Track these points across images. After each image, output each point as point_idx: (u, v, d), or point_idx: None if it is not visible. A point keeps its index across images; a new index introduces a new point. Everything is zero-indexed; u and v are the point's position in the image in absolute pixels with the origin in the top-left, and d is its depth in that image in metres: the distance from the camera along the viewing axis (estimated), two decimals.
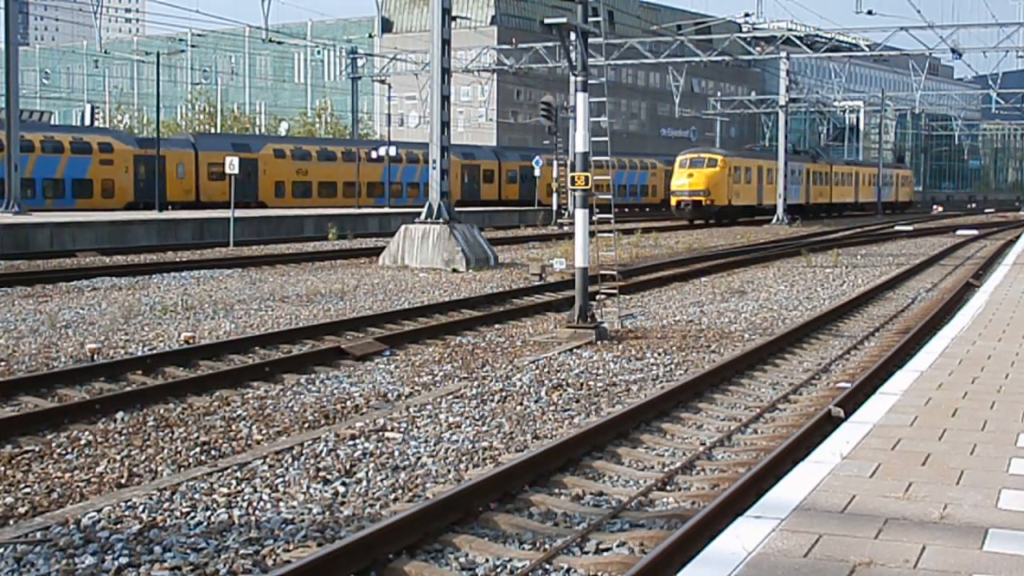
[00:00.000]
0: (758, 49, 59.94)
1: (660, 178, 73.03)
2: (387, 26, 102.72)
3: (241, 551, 6.45)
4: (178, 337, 14.45)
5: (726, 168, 54.74)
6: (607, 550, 6.59)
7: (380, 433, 9.39)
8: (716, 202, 53.43)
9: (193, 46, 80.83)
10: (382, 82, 62.89)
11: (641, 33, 65.75)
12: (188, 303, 18.15)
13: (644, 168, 74.82)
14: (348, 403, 10.72)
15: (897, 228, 50.03)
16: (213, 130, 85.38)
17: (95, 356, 12.87)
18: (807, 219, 61.47)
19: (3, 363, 12.50)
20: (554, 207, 50.48)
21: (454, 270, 25.44)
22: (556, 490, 7.85)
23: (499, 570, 6.29)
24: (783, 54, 58.34)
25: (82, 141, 46.39)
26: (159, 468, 8.31)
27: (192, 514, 7.13)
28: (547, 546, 6.64)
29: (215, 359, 12.87)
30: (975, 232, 47.45)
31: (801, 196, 63.87)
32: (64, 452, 8.75)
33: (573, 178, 15.14)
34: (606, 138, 16.31)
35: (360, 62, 65.52)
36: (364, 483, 7.93)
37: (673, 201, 54.60)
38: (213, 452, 8.79)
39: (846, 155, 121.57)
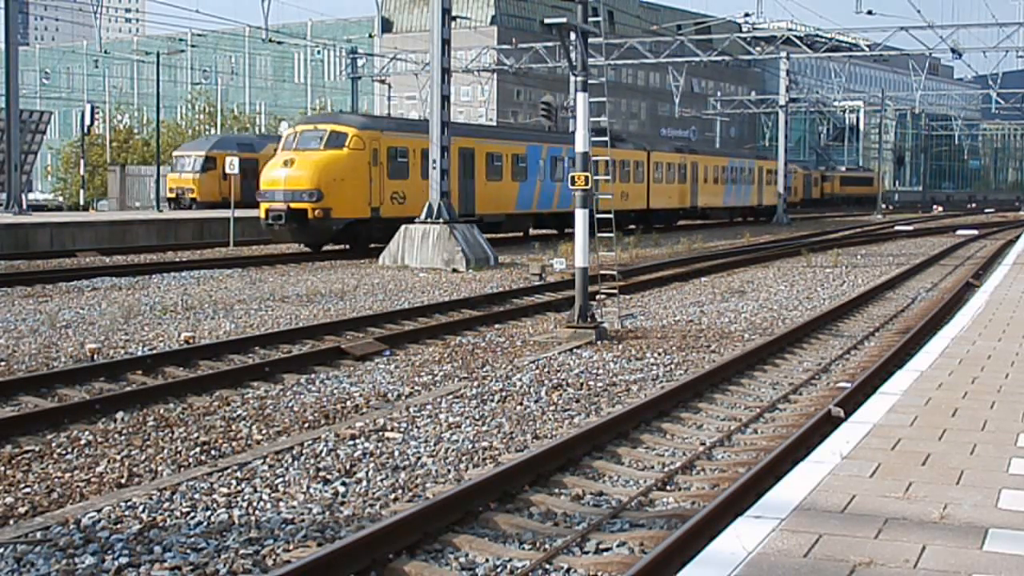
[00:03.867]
0: (758, 49, 60.03)
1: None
2: (387, 26, 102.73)
3: (241, 551, 6.45)
4: (178, 337, 14.45)
5: (366, 150, 29.40)
6: (607, 550, 6.59)
7: (380, 433, 9.39)
8: (337, 212, 28.33)
9: (193, 46, 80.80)
10: (382, 82, 62.94)
11: (641, 33, 65.79)
12: (188, 303, 18.15)
13: None
14: (348, 403, 10.71)
15: (897, 228, 50.04)
16: (214, 130, 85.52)
17: (95, 356, 12.87)
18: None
19: (3, 363, 12.50)
20: None
21: (454, 270, 25.44)
22: (556, 490, 7.84)
23: (499, 570, 6.29)
24: (783, 54, 58.41)
25: None
26: (159, 468, 8.31)
27: (192, 514, 7.13)
28: (547, 546, 6.64)
29: (215, 359, 12.87)
30: (975, 232, 47.44)
31: (645, 202, 44.30)
32: (64, 452, 8.75)
33: (573, 178, 15.14)
34: (606, 138, 16.32)
35: (360, 62, 65.51)
36: (364, 483, 7.93)
37: (261, 210, 28.98)
38: (213, 452, 8.79)
39: (846, 155, 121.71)
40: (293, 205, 28.29)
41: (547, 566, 6.29)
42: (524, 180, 36.95)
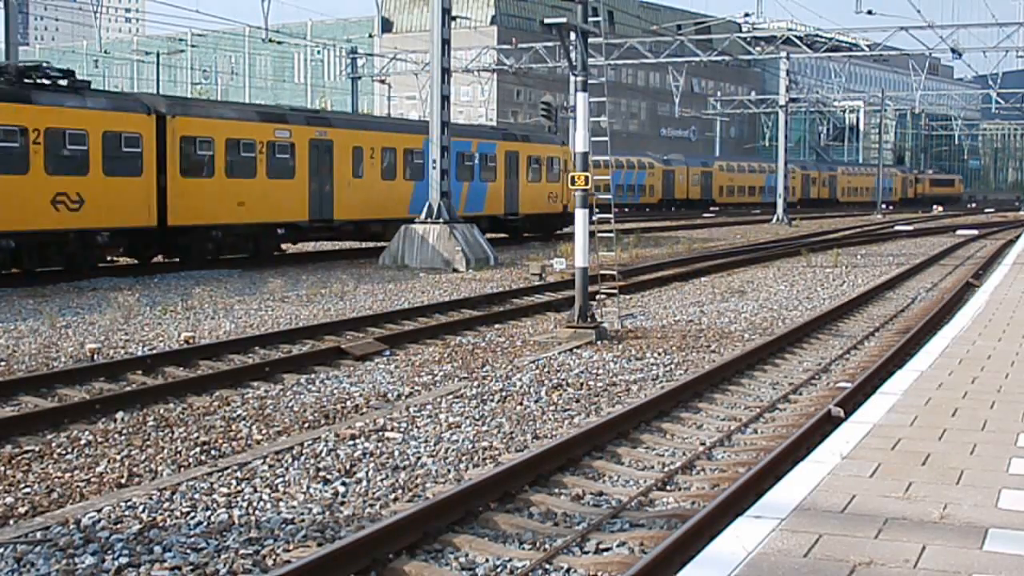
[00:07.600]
0: (758, 49, 59.96)
1: None
2: (387, 26, 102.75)
3: (241, 551, 6.45)
4: (178, 337, 14.45)
5: None
6: (607, 550, 6.59)
7: (380, 433, 9.39)
8: None
9: (193, 46, 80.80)
10: (382, 82, 62.88)
11: (641, 33, 65.73)
12: (188, 303, 18.15)
13: None
14: (348, 403, 10.71)
15: (897, 228, 50.01)
16: None
17: (95, 356, 12.87)
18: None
19: (3, 363, 12.50)
20: None
21: (454, 270, 25.44)
22: (556, 490, 7.84)
23: (499, 570, 6.28)
24: (783, 54, 58.34)
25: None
26: (159, 468, 8.31)
27: (192, 514, 7.13)
28: (547, 546, 6.63)
29: (215, 359, 12.88)
30: (975, 232, 47.42)
31: (148, 214, 22.74)
32: (64, 452, 8.75)
33: (573, 178, 15.14)
34: (606, 138, 16.32)
35: (360, 62, 65.46)
36: (364, 483, 7.93)
37: None
38: (213, 452, 8.79)
39: (846, 155, 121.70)
40: None
41: (547, 566, 6.29)
42: None
